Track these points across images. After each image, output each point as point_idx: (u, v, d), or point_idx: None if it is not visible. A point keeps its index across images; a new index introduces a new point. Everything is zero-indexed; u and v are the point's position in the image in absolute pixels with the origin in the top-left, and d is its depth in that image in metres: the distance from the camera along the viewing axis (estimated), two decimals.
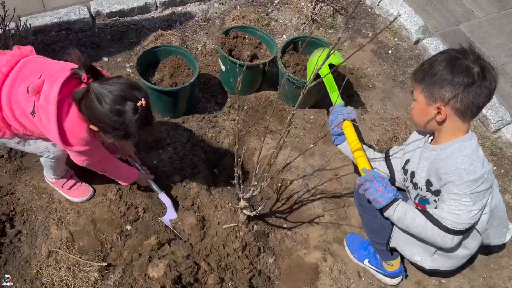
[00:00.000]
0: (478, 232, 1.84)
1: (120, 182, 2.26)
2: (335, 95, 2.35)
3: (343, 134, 2.17)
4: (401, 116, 2.93)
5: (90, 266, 2.06)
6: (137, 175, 2.26)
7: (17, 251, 2.09)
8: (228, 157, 2.69)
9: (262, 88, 2.97)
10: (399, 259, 2.13)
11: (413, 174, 1.89)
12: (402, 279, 2.18)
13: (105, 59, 2.99)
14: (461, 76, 1.58)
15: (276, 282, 2.25)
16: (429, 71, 1.66)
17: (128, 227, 2.24)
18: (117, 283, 2.02)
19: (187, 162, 2.54)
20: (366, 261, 2.22)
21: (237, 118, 1.59)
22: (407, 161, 1.97)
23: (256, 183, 1.97)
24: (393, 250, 2.10)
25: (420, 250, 1.94)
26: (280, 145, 1.76)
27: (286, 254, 2.33)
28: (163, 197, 2.33)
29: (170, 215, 2.31)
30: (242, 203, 2.22)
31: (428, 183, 1.79)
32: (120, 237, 2.20)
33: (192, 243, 2.25)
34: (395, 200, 1.78)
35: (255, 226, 2.37)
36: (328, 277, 2.19)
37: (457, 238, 1.69)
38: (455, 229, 1.66)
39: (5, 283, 1.89)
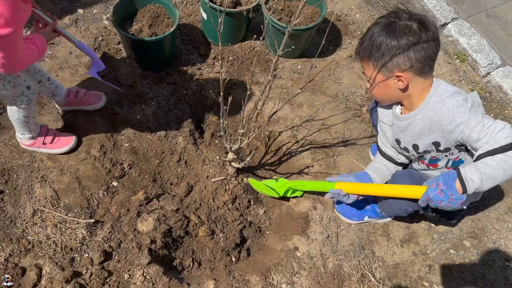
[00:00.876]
0: None
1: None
2: (322, 187, 2.09)
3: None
4: None
5: (77, 223, 2.03)
6: (44, 40, 1.76)
7: (1, 211, 2.04)
8: (214, 111, 2.61)
9: (247, 38, 2.86)
10: None
11: (416, 147, 1.82)
12: None
13: (80, 11, 2.83)
14: (405, 37, 1.54)
15: (267, 232, 2.25)
16: (373, 45, 1.61)
17: (115, 183, 2.20)
18: (106, 238, 2.00)
19: (172, 117, 2.47)
20: (366, 218, 2.20)
21: (220, 62, 1.51)
22: (398, 141, 1.90)
23: (242, 131, 1.91)
24: None
25: None
26: (267, 92, 1.70)
27: (276, 205, 2.32)
28: (83, 47, 2.04)
29: (97, 66, 2.08)
30: (230, 155, 2.17)
31: (436, 144, 1.73)
32: (107, 194, 2.16)
33: (181, 197, 2.22)
34: (462, 182, 1.51)
35: (244, 179, 2.34)
36: (318, 224, 2.19)
37: None
38: None
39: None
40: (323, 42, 1.64)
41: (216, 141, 2.50)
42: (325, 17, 2.63)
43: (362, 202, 2.18)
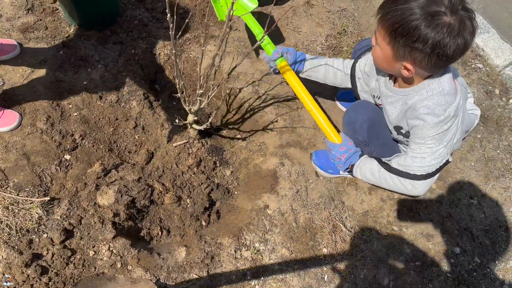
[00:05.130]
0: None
1: None
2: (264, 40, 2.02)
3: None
4: (348, 7, 2.75)
5: (31, 203, 1.88)
6: None
7: None
8: (168, 70, 2.45)
9: None
10: None
11: (388, 116, 1.75)
12: None
13: None
14: (438, 37, 1.30)
15: (236, 192, 2.19)
16: (402, 24, 1.34)
17: (67, 156, 2.04)
18: (64, 216, 1.87)
19: (122, 80, 2.29)
20: (341, 172, 2.15)
21: (171, 22, 1.35)
22: (378, 98, 1.82)
23: (201, 91, 1.79)
24: None
25: None
26: (223, 47, 1.56)
27: (243, 164, 2.25)
28: None
29: None
30: (190, 117, 2.05)
31: (397, 128, 1.69)
32: (60, 169, 2.00)
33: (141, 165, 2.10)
34: (352, 169, 1.78)
35: (208, 141, 2.24)
36: (287, 180, 2.15)
37: (428, 183, 1.56)
38: (424, 173, 1.55)
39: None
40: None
41: (174, 103, 2.36)
42: None
43: None
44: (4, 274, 1.73)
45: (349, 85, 2.01)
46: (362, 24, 2.70)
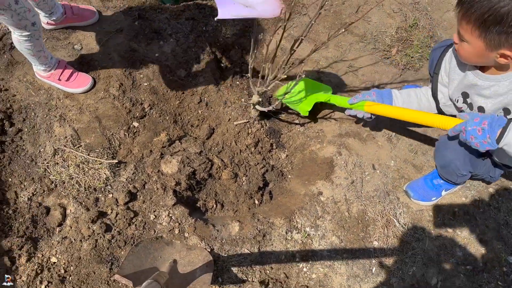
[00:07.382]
0: None
1: None
2: (345, 103, 2.07)
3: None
4: (421, 0, 2.67)
5: (100, 164, 1.99)
6: None
7: (21, 150, 1.99)
8: (235, 50, 2.49)
9: None
10: None
11: (481, 109, 1.67)
12: None
13: None
14: None
15: (289, 176, 2.22)
16: (492, 13, 1.33)
17: (135, 124, 2.13)
18: (129, 179, 1.97)
19: (191, 55, 2.35)
20: (443, 192, 2.09)
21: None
22: (466, 95, 1.74)
23: (272, 78, 1.82)
24: None
25: None
26: (304, 33, 1.58)
27: (298, 149, 2.28)
28: None
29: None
30: (255, 98, 2.09)
31: (506, 111, 1.60)
32: (128, 134, 2.10)
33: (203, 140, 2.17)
34: (503, 132, 1.46)
35: (267, 123, 2.28)
36: (343, 170, 2.16)
37: None
38: None
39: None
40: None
41: (237, 82, 2.40)
42: None
43: (434, 179, 2.08)
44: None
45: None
46: (435, 19, 2.62)
